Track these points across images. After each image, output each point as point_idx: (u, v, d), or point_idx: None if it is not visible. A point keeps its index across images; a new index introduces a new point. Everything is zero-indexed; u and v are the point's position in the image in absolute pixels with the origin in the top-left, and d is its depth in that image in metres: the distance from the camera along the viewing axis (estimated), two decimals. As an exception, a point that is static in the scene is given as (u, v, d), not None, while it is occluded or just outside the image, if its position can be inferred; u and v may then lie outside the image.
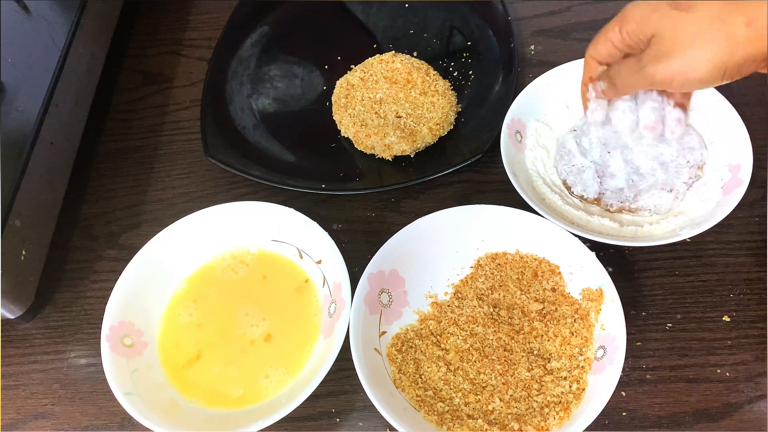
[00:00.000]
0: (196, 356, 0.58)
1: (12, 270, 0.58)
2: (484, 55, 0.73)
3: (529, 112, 0.64)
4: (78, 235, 0.68)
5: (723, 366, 0.54)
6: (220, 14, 0.83)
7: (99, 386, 0.59)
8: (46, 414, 0.58)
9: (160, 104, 0.76)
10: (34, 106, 0.63)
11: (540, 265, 0.58)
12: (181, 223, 0.61)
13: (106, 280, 0.64)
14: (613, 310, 0.52)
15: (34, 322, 0.63)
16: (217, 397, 0.55)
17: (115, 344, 0.56)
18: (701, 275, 0.58)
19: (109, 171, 0.72)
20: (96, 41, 0.74)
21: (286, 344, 0.57)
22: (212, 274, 0.62)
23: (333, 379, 0.54)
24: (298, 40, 0.78)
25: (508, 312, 0.56)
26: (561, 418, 0.50)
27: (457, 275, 0.59)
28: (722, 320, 0.56)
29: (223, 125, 0.71)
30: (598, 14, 0.75)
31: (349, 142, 0.69)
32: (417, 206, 0.65)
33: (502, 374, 0.53)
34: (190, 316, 0.60)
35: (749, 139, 0.57)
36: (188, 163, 0.72)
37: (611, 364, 0.50)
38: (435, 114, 0.67)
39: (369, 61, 0.72)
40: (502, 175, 0.60)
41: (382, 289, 0.57)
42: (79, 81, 0.70)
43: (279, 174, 0.67)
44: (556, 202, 0.59)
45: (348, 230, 0.64)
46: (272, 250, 0.62)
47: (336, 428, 0.55)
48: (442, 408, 0.52)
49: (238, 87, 0.75)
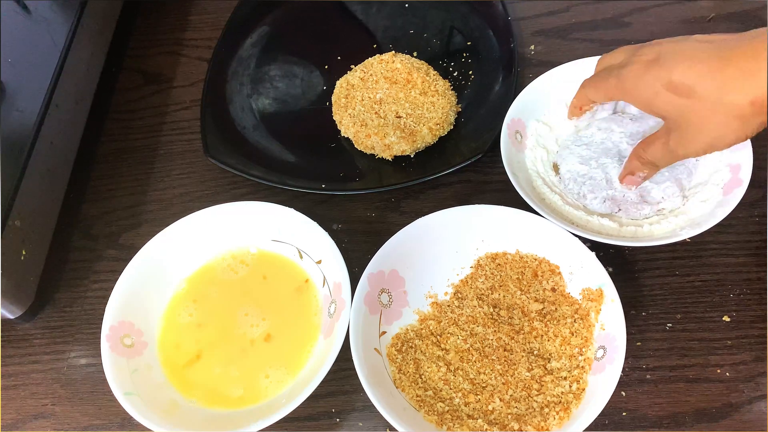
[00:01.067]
0: (196, 356, 0.58)
1: (12, 270, 0.58)
2: (484, 55, 0.73)
3: (529, 112, 0.64)
4: (78, 235, 0.68)
5: (723, 366, 0.54)
6: (220, 14, 0.83)
7: (99, 386, 0.59)
8: (46, 414, 0.58)
9: (160, 104, 0.76)
10: (34, 106, 0.63)
11: (540, 265, 0.58)
12: (181, 223, 0.61)
13: (106, 280, 0.64)
14: (613, 310, 0.52)
15: (34, 322, 0.63)
16: (217, 397, 0.55)
17: (115, 344, 0.56)
18: (701, 275, 0.58)
19: (109, 171, 0.72)
20: (96, 41, 0.74)
21: (286, 344, 0.57)
22: (212, 274, 0.62)
23: (333, 379, 0.54)
24: (298, 40, 0.78)
25: (508, 312, 0.56)
26: (561, 418, 0.50)
27: (457, 275, 0.59)
28: (722, 320, 0.56)
29: (223, 125, 0.71)
30: (597, 14, 0.75)
31: (349, 142, 0.69)
32: (417, 206, 0.65)
33: (502, 374, 0.53)
34: (190, 316, 0.60)
35: (749, 140, 0.57)
36: (188, 163, 0.72)
37: (611, 364, 0.50)
38: (435, 114, 0.67)
39: (369, 61, 0.72)
40: (502, 175, 0.60)
41: (382, 289, 0.57)
42: (79, 81, 0.70)
43: (279, 174, 0.67)
44: (556, 202, 0.59)
45: (348, 230, 0.64)
46: (272, 250, 0.62)
47: (336, 428, 0.55)
48: (442, 408, 0.52)
49: (238, 87, 0.75)
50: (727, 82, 0.44)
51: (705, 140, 0.47)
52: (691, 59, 0.46)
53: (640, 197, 0.58)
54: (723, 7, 0.73)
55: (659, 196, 0.58)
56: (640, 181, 0.57)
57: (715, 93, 0.44)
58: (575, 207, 0.59)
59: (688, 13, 0.74)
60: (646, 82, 0.48)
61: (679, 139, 0.48)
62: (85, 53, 0.71)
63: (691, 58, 0.46)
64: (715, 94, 0.44)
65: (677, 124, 0.48)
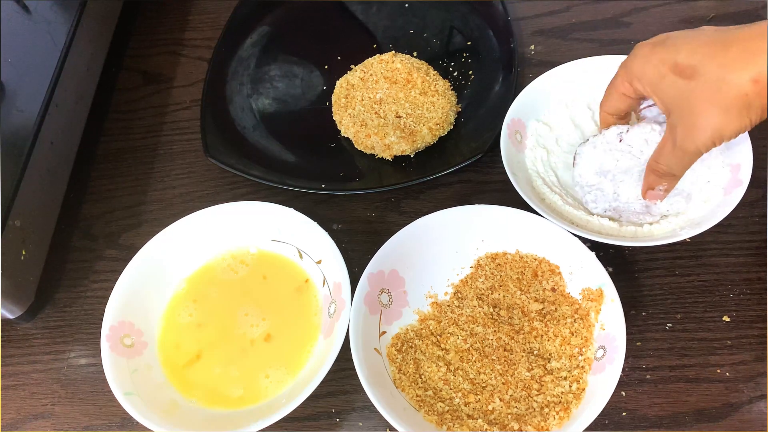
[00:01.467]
0: (196, 356, 0.58)
1: (12, 270, 0.58)
2: (484, 55, 0.73)
3: (529, 112, 0.64)
4: (78, 235, 0.68)
5: (723, 366, 0.54)
6: (220, 14, 0.83)
7: (99, 386, 0.59)
8: (46, 414, 0.58)
9: (160, 104, 0.77)
10: (34, 106, 0.63)
11: (540, 265, 0.58)
12: (181, 223, 0.61)
13: (106, 280, 0.64)
14: (613, 310, 0.52)
15: (34, 322, 0.63)
16: (217, 397, 0.55)
17: (115, 344, 0.56)
18: (701, 275, 0.58)
19: (109, 171, 0.72)
20: (96, 41, 0.74)
21: (286, 344, 0.57)
22: (212, 274, 0.62)
23: (333, 379, 0.54)
24: (298, 40, 0.78)
25: (508, 312, 0.56)
26: (561, 418, 0.50)
27: (457, 275, 0.59)
28: (722, 320, 0.56)
29: (223, 125, 0.71)
30: (597, 14, 0.75)
31: (349, 142, 0.69)
32: (417, 206, 0.65)
33: (502, 374, 0.53)
34: (190, 316, 0.60)
35: (749, 139, 0.57)
36: (188, 163, 0.72)
37: (611, 364, 0.50)
38: (435, 114, 0.67)
39: (369, 61, 0.72)
40: (502, 175, 0.60)
41: (382, 289, 0.57)
42: (79, 81, 0.70)
43: (279, 174, 0.67)
44: (556, 202, 0.59)
45: (348, 230, 0.64)
46: (272, 250, 0.62)
47: (336, 428, 0.55)
48: (442, 408, 0.52)
49: (238, 87, 0.75)
50: (730, 61, 0.44)
51: (710, 125, 0.46)
52: (696, 41, 0.47)
53: (645, 207, 0.57)
54: (723, 7, 0.73)
55: (665, 209, 0.57)
56: (663, 194, 0.55)
57: (718, 72, 0.45)
58: (575, 207, 0.59)
59: (688, 13, 0.74)
60: (652, 64, 0.48)
61: (685, 131, 0.48)
62: (85, 53, 0.71)
63: (696, 40, 0.47)
64: (718, 73, 0.45)
65: (681, 111, 0.48)
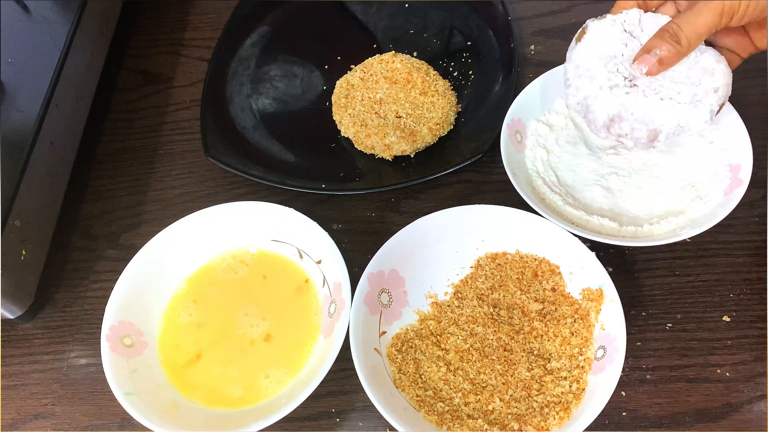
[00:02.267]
0: (196, 356, 0.58)
1: (12, 270, 0.58)
2: (484, 55, 0.73)
3: (529, 112, 0.64)
4: (78, 235, 0.68)
5: (723, 366, 0.54)
6: (220, 14, 0.83)
7: (99, 386, 0.59)
8: (46, 414, 0.58)
9: (160, 104, 0.77)
10: (34, 106, 0.63)
11: (540, 265, 0.58)
12: (181, 223, 0.61)
13: (106, 280, 0.64)
14: (613, 310, 0.52)
15: (34, 322, 0.63)
16: (217, 397, 0.55)
17: (115, 344, 0.56)
18: (701, 275, 0.58)
19: (109, 171, 0.72)
20: (96, 41, 0.74)
21: (286, 344, 0.57)
22: (212, 274, 0.62)
23: (333, 379, 0.54)
24: (298, 40, 0.78)
25: (508, 312, 0.56)
26: (561, 418, 0.50)
27: (457, 275, 0.59)
28: (722, 320, 0.56)
29: (223, 125, 0.71)
30: (597, 14, 0.75)
31: (349, 142, 0.69)
32: (417, 206, 0.65)
33: (502, 374, 0.53)
34: (190, 316, 0.60)
35: (749, 139, 0.57)
36: (188, 163, 0.72)
37: (611, 364, 0.50)
38: (435, 114, 0.67)
39: (369, 61, 0.72)
40: (502, 175, 0.60)
41: (382, 289, 0.57)
42: (79, 81, 0.70)
43: (279, 174, 0.67)
44: (556, 202, 0.59)
45: (348, 230, 0.64)
46: (272, 250, 0.62)
47: (336, 428, 0.55)
48: (442, 408, 0.52)
49: (238, 87, 0.75)
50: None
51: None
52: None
53: (610, 121, 0.53)
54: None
55: (628, 128, 0.53)
56: (654, 63, 0.51)
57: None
58: (575, 207, 0.59)
59: (688, 13, 0.73)
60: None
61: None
62: (85, 53, 0.71)
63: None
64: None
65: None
